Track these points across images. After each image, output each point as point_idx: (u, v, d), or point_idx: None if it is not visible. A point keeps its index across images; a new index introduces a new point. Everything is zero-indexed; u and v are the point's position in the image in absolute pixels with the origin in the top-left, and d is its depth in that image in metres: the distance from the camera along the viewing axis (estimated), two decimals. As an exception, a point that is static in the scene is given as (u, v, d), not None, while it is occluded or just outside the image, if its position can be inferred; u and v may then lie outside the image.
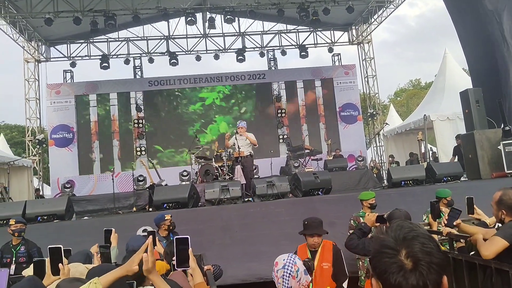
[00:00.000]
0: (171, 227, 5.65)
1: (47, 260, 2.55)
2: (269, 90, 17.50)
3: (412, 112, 21.36)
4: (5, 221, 6.68)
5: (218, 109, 17.22)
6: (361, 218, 5.63)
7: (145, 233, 4.58)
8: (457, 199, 7.16)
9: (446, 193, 6.01)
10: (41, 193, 15.72)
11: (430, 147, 13.76)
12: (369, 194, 5.75)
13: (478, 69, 10.69)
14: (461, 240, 3.64)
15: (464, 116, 10.25)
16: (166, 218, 5.60)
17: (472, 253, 3.52)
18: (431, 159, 11.68)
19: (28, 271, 2.98)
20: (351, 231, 5.67)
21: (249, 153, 9.82)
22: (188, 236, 2.52)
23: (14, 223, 5.55)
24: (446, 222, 3.80)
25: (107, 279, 2.03)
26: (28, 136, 16.39)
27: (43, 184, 17.15)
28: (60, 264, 2.52)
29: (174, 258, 2.54)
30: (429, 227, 4.73)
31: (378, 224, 4.18)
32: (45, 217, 7.48)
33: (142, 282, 2.85)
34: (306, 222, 4.34)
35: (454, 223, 3.58)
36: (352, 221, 5.74)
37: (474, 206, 3.64)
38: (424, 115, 12.09)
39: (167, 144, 16.67)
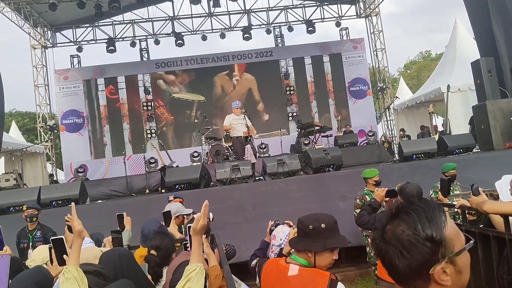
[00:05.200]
0: None
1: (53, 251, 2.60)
2: (277, 67, 17.34)
3: (422, 84, 21.07)
4: (20, 207, 6.80)
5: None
6: (367, 196, 5.61)
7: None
8: (470, 170, 7.13)
9: (447, 167, 6.00)
10: (55, 178, 15.94)
11: (443, 119, 13.59)
12: (373, 171, 5.69)
13: (487, 38, 10.42)
14: (473, 213, 3.61)
15: (475, 87, 10.07)
16: None
17: (481, 226, 3.50)
18: (451, 130, 11.55)
19: (29, 261, 3.04)
20: (357, 210, 5.69)
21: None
22: None
23: (26, 208, 5.66)
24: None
25: (74, 256, 2.06)
26: (39, 122, 16.53)
27: (57, 170, 17.38)
28: (64, 255, 2.56)
29: (188, 244, 2.57)
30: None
31: (388, 199, 4.15)
32: (60, 202, 7.60)
33: (167, 262, 2.90)
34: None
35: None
36: (358, 200, 5.72)
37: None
38: (448, 85, 11.89)
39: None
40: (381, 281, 3.77)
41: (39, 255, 2.82)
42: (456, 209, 3.84)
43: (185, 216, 4.69)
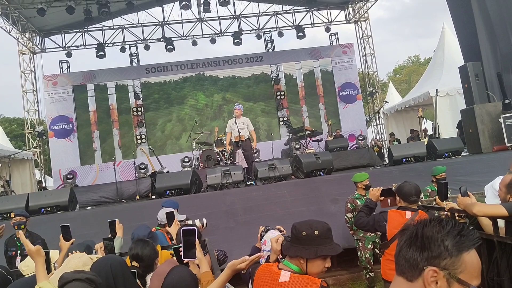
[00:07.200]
0: None
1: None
2: (268, 72, 17.38)
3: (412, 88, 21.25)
4: (8, 214, 6.72)
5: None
6: (357, 200, 5.65)
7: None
8: (459, 174, 7.20)
9: (438, 170, 6.06)
10: (43, 185, 15.77)
11: (433, 123, 13.75)
12: (363, 175, 5.75)
13: (471, 44, 10.56)
14: (463, 216, 3.64)
15: (463, 91, 10.20)
16: None
17: (471, 228, 3.52)
18: (440, 133, 11.67)
19: (23, 265, 3.00)
20: (348, 214, 5.71)
21: (247, 137, 9.73)
22: (195, 228, 2.52)
23: (14, 216, 5.58)
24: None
25: (40, 273, 2.10)
26: (28, 128, 16.36)
27: (45, 176, 17.18)
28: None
29: (181, 249, 2.54)
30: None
31: (383, 198, 4.17)
32: (49, 209, 7.52)
33: (150, 271, 2.88)
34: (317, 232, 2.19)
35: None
36: (349, 204, 5.76)
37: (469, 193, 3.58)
38: (437, 89, 12.03)
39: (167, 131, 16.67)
40: (386, 283, 3.78)
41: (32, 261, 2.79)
42: (446, 212, 3.86)
43: (178, 222, 4.66)
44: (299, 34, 17.91)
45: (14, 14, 15.01)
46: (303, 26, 18.14)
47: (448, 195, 5.84)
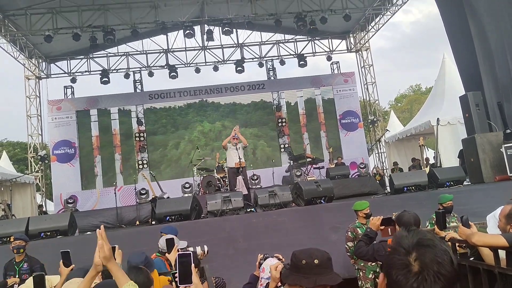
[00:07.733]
0: None
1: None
2: (267, 100, 17.53)
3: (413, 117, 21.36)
4: (8, 238, 6.69)
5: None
6: (358, 229, 5.61)
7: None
8: (460, 203, 7.16)
9: (445, 198, 6.03)
10: (44, 209, 15.72)
11: (434, 152, 13.76)
12: (363, 204, 5.72)
13: (472, 74, 10.69)
14: (463, 246, 3.62)
15: (464, 120, 10.26)
16: None
17: (471, 258, 3.50)
18: (441, 162, 11.68)
19: (27, 284, 2.99)
20: (349, 243, 5.66)
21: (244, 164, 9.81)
22: (191, 252, 2.52)
23: (13, 240, 5.56)
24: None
25: (84, 285, 2.08)
26: (30, 152, 16.42)
27: (46, 200, 17.13)
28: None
29: (177, 274, 2.52)
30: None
31: (384, 227, 4.15)
32: (48, 233, 7.49)
33: None
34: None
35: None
36: (349, 232, 5.71)
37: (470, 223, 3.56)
38: (438, 118, 12.10)
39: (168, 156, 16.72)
40: None
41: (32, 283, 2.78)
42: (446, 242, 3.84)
43: (179, 249, 4.64)
44: (300, 62, 18.15)
45: (22, 41, 15.31)
46: (305, 55, 18.40)
47: (456, 223, 5.81)
